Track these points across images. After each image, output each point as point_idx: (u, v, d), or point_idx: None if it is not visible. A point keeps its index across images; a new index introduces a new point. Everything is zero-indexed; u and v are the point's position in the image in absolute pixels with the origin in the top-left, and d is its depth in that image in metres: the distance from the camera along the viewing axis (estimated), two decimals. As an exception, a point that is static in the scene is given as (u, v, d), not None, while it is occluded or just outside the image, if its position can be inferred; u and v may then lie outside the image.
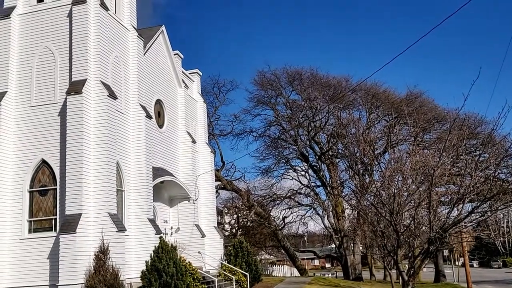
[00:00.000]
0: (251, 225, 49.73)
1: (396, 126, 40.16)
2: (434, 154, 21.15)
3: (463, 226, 19.05)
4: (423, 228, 18.75)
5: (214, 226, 27.80)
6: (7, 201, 17.84)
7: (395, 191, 18.63)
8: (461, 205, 17.50)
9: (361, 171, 25.63)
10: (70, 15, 18.72)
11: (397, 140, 38.65)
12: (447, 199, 22.04)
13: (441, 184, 20.99)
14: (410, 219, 18.42)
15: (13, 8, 19.55)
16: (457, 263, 57.50)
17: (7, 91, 18.64)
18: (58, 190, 17.58)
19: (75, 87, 17.70)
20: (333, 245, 51.07)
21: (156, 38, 25.14)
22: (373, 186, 20.95)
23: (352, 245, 42.71)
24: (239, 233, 46.96)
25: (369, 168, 24.38)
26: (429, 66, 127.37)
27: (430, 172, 17.56)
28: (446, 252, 50.03)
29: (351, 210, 38.28)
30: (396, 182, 19.47)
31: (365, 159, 23.95)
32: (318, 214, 44.91)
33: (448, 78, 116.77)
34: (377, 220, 20.41)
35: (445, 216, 17.99)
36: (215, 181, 32.28)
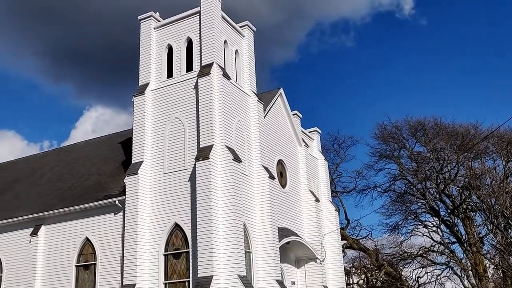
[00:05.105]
0: (381, 285, 47.10)
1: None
2: None
3: None
4: None
5: (343, 287, 26.75)
6: (145, 264, 18.88)
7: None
8: None
9: (503, 225, 23.29)
10: (196, 87, 20.13)
11: (543, 189, 34.72)
12: None
13: None
14: None
15: (146, 85, 21.54)
16: None
17: (143, 161, 20.21)
18: (190, 253, 18.26)
19: (203, 153, 18.67)
20: (476, 308, 46.20)
21: (275, 101, 25.90)
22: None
23: (499, 308, 38.26)
24: (368, 294, 44.67)
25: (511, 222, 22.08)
26: None
27: None
28: None
29: (494, 269, 34.65)
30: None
31: (506, 212, 21.78)
32: (456, 274, 41.25)
33: None
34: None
35: None
36: (341, 240, 31.39)
